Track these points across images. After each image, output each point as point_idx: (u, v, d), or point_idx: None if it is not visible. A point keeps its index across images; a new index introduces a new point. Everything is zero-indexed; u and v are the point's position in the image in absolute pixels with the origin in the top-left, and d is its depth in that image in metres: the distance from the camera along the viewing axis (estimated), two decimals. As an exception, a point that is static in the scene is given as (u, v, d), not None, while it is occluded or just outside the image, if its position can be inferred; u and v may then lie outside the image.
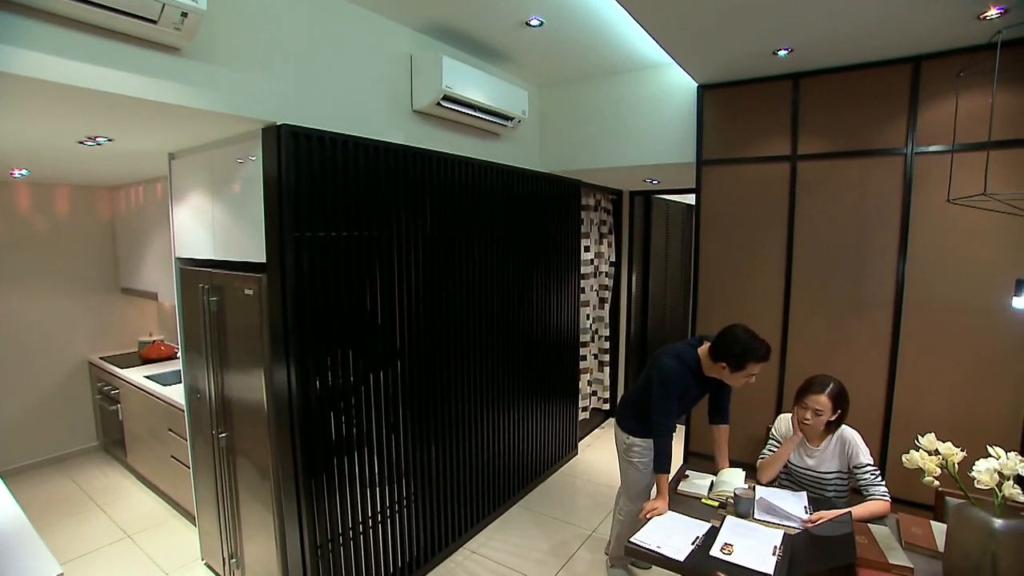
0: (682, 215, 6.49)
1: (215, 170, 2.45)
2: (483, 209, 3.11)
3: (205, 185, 2.53)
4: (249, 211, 2.26)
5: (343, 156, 2.29)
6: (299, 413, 2.17)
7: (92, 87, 1.62)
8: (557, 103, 3.80)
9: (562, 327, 4.04)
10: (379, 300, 2.50)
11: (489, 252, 3.18)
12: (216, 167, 2.45)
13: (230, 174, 2.36)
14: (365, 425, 2.48)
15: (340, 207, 2.28)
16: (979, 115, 2.39)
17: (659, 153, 3.37)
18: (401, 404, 2.66)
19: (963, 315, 2.52)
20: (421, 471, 2.81)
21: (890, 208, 2.64)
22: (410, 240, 2.63)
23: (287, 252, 2.09)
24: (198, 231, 2.62)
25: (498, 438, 3.41)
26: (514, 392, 3.53)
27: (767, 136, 2.92)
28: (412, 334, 2.68)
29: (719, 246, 3.11)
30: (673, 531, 2.03)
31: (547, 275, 3.78)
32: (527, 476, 3.77)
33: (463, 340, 3.02)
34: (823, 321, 2.82)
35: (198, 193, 2.58)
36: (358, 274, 2.38)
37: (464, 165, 2.94)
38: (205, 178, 2.52)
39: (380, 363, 2.54)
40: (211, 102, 1.90)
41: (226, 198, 2.40)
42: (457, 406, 3.03)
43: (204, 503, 2.83)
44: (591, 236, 4.71)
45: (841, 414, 2.21)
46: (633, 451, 2.62)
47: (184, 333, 2.77)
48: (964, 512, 1.70)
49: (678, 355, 2.38)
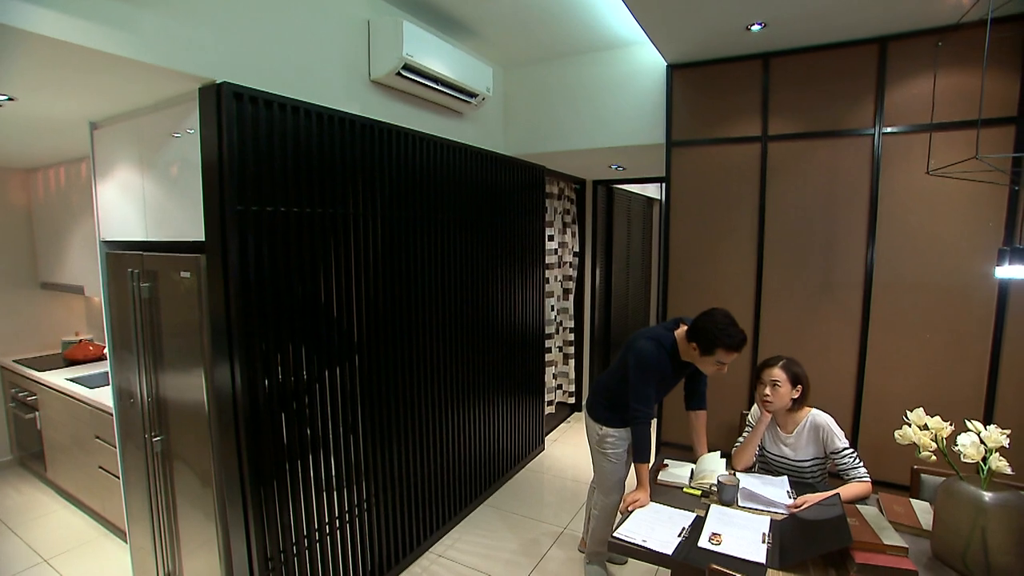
0: (643, 208, 6.50)
1: (145, 141, 2.17)
2: (445, 191, 2.93)
3: (133, 157, 2.24)
4: (185, 184, 2.00)
5: (293, 123, 2.06)
6: (245, 413, 1.93)
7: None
8: (522, 84, 3.66)
9: (527, 319, 3.91)
10: (335, 288, 2.28)
11: (452, 237, 3.00)
12: (146, 137, 2.17)
13: (163, 145, 2.09)
14: (320, 425, 2.25)
15: (290, 179, 2.06)
16: (957, 93, 2.41)
17: (628, 135, 3.28)
18: (359, 402, 2.45)
19: (930, 294, 2.54)
20: (382, 473, 2.61)
21: (859, 189, 2.63)
22: (367, 220, 2.42)
23: (229, 228, 1.85)
24: (126, 209, 2.32)
25: (463, 435, 3.24)
26: (478, 387, 3.36)
27: (737, 117, 2.87)
28: (370, 326, 2.47)
29: (690, 229, 3.04)
30: (657, 523, 1.92)
31: (512, 264, 3.64)
32: (493, 474, 3.61)
33: (425, 332, 2.84)
34: (795, 303, 2.80)
35: (126, 167, 2.29)
36: (311, 257, 2.16)
37: (425, 142, 2.76)
38: (133, 150, 2.23)
39: (336, 358, 2.32)
40: (135, 50, 1.64)
41: (159, 171, 2.13)
42: (419, 403, 2.84)
43: (136, 517, 2.52)
44: (555, 225, 4.60)
45: (803, 389, 2.17)
46: (607, 442, 2.50)
47: (112, 326, 2.46)
48: (953, 488, 1.66)
49: (655, 338, 2.28)
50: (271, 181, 1.98)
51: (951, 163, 2.06)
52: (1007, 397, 2.44)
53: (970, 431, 1.68)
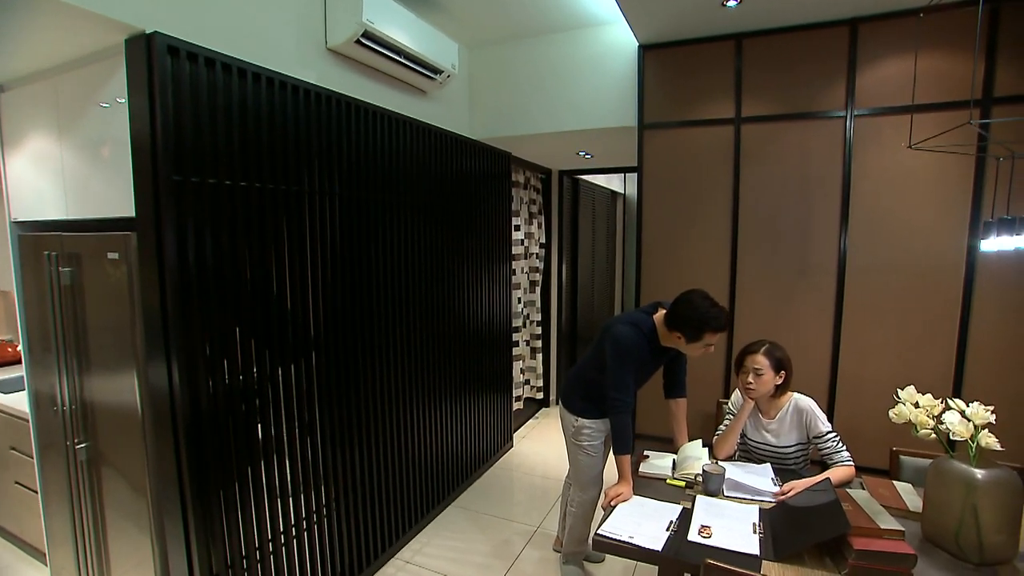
0: (608, 201, 6.46)
1: (63, 104, 1.90)
2: (409, 174, 2.74)
3: (49, 124, 1.96)
4: (112, 153, 1.75)
5: (240, 88, 1.84)
6: (185, 416, 1.70)
7: None
8: (489, 64, 3.50)
9: (494, 311, 3.76)
10: (288, 274, 2.06)
11: (415, 223, 2.82)
12: (65, 100, 1.89)
13: (85, 108, 1.82)
14: (273, 427, 2.03)
15: (236, 150, 1.83)
16: (927, 75, 2.42)
17: (599, 117, 3.18)
18: (318, 401, 2.24)
19: (901, 276, 2.55)
20: (342, 476, 2.40)
21: (832, 172, 2.62)
22: (325, 200, 2.21)
23: (164, 202, 1.61)
24: (41, 184, 2.03)
25: (429, 434, 3.06)
26: (445, 383, 3.19)
27: (710, 99, 2.82)
28: (329, 318, 2.27)
29: (663, 214, 2.97)
30: (643, 518, 1.81)
31: (478, 254, 3.48)
32: (461, 473, 3.44)
33: (387, 325, 2.64)
34: (770, 288, 2.76)
35: (40, 134, 2.00)
36: (260, 238, 1.94)
37: (387, 119, 2.56)
38: (49, 115, 1.95)
39: (291, 354, 2.11)
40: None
41: (80, 138, 1.86)
42: (382, 401, 2.64)
43: (58, 535, 2.22)
44: (521, 215, 4.46)
45: (786, 375, 2.12)
46: (583, 434, 2.38)
47: (27, 320, 2.16)
48: (944, 467, 1.62)
49: (633, 322, 2.17)
50: (214, 150, 1.76)
51: (933, 135, 2.04)
52: (974, 375, 2.47)
53: (952, 409, 1.65)
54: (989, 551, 1.53)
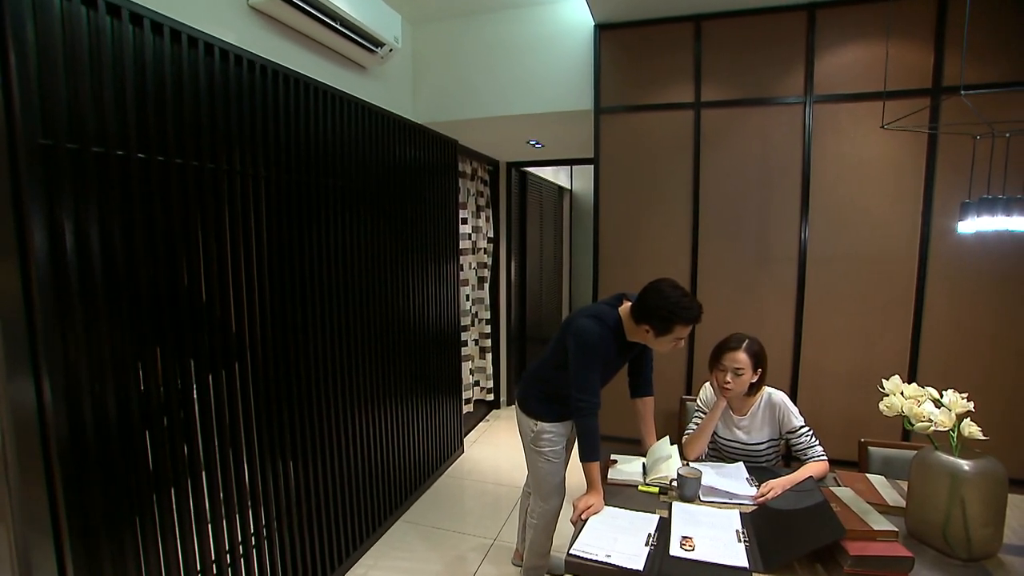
0: (555, 197, 6.33)
1: None
2: (349, 158, 2.46)
3: None
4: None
5: (136, 38, 1.51)
6: (62, 440, 1.36)
7: None
8: (435, 41, 3.25)
9: (442, 309, 3.51)
10: (206, 269, 1.75)
11: (355, 212, 2.53)
12: None
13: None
14: (187, 447, 1.71)
15: (132, 114, 1.50)
16: (875, 62, 2.39)
17: (552, 100, 3.00)
18: (253, 413, 1.95)
19: (858, 264, 2.53)
20: (279, 495, 2.10)
21: (792, 159, 2.57)
22: (249, 183, 1.90)
23: (26, 172, 1.27)
24: None
25: (374, 443, 2.77)
26: (390, 387, 2.91)
27: (669, 82, 2.70)
28: (259, 320, 1.97)
29: (621, 201, 2.83)
30: (618, 532, 1.63)
31: (425, 247, 3.22)
32: (410, 484, 3.17)
33: (326, 325, 2.35)
34: (731, 278, 2.68)
35: None
36: (168, 225, 1.61)
37: (324, 95, 2.27)
38: None
39: (213, 361, 1.79)
40: None
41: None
42: (322, 410, 2.34)
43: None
44: (469, 208, 4.23)
45: (762, 373, 2.01)
46: (543, 439, 2.19)
47: None
48: (928, 459, 1.54)
49: (597, 315, 1.98)
50: (99, 112, 1.42)
51: (903, 115, 1.99)
52: (928, 363, 2.48)
53: (926, 398, 1.58)
54: (977, 545, 1.46)
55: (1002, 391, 2.37)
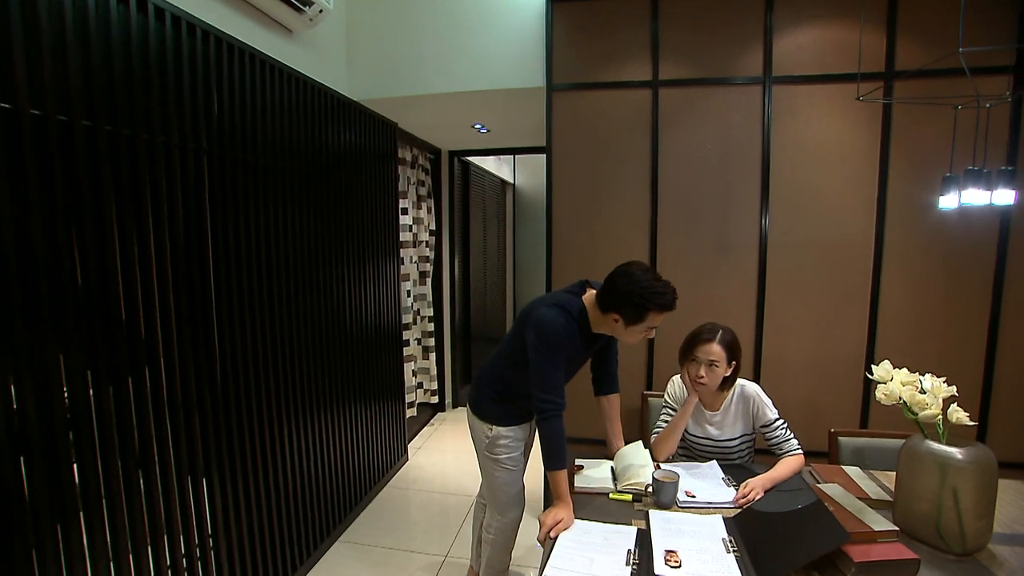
0: (498, 191, 6.11)
1: None
2: (273, 131, 2.12)
3: None
4: None
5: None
6: None
7: None
8: (372, 7, 2.93)
9: (381, 306, 3.20)
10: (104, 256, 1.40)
11: (282, 194, 2.20)
12: None
13: None
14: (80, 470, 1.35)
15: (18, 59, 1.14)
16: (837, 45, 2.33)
17: (501, 76, 2.77)
18: (168, 428, 1.62)
19: (816, 252, 2.48)
20: (199, 520, 1.75)
21: (752, 141, 2.48)
22: (142, 147, 1.54)
23: None
24: None
25: (309, 455, 2.44)
26: (324, 393, 2.58)
27: (626, 59, 2.55)
28: (171, 319, 1.64)
29: (575, 185, 2.65)
30: (594, 550, 1.44)
31: (363, 238, 2.91)
32: (349, 500, 2.85)
33: (252, 325, 2.01)
34: (692, 266, 2.56)
35: None
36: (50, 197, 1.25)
37: (241, 55, 1.93)
38: None
39: (112, 369, 1.44)
40: None
41: None
42: (243, 421, 2.00)
43: None
44: (409, 197, 3.94)
45: (736, 366, 1.88)
46: (500, 445, 1.96)
47: None
48: (917, 448, 1.44)
49: (559, 304, 1.77)
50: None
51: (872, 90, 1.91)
52: (884, 350, 2.45)
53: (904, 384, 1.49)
54: (971, 538, 1.37)
55: (957, 373, 2.38)
